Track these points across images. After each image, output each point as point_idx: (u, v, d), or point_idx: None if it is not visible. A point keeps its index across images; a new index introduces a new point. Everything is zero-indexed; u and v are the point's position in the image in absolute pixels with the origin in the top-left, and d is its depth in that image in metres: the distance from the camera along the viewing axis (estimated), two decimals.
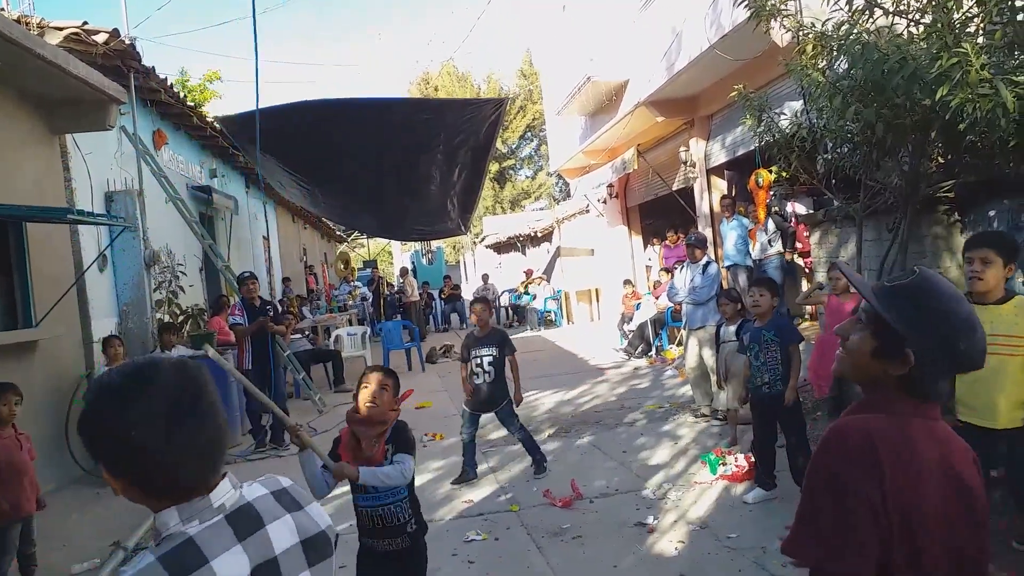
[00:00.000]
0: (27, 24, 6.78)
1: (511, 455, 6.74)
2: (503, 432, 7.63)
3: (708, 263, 7.37)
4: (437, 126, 10.51)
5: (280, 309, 8.40)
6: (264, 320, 7.71)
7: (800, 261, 9.78)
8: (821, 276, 7.19)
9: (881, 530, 1.35)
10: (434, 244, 33.33)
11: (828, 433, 1.47)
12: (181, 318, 8.72)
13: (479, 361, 5.96)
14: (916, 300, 1.43)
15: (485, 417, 6.15)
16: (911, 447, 1.40)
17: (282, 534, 1.31)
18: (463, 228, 11.92)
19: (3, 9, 7.22)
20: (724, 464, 5.54)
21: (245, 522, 1.27)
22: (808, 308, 9.51)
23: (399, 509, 3.03)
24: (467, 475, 5.97)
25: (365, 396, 3.05)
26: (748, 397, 5.32)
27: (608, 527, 4.79)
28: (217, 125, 10.98)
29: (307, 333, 12.17)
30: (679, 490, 5.37)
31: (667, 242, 13.15)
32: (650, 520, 4.80)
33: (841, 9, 5.25)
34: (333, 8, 75.86)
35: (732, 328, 6.26)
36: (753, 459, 5.30)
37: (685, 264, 7.62)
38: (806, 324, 9.29)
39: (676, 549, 4.35)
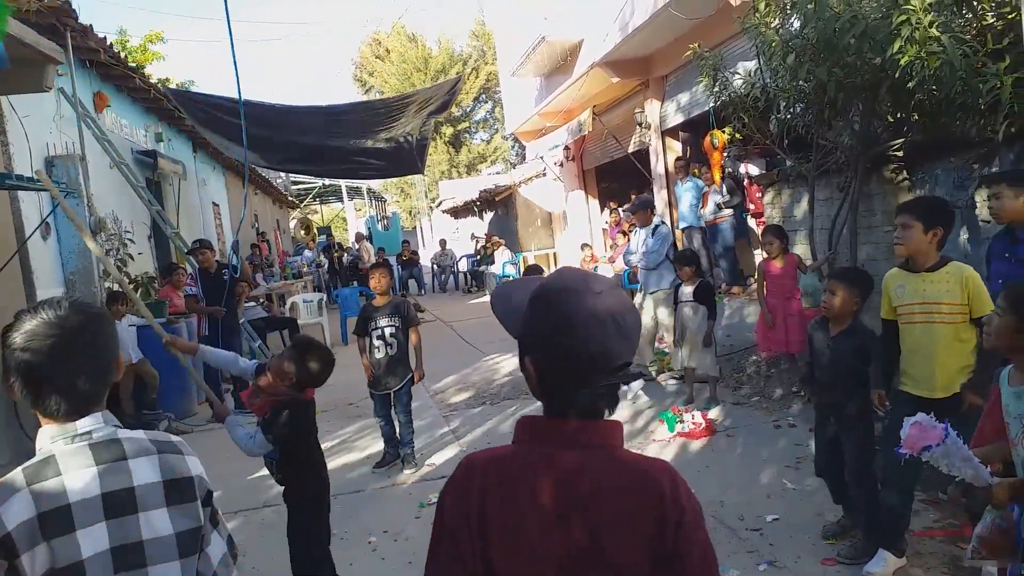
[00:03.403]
0: None
1: (472, 418, 6.77)
2: (466, 395, 7.69)
3: (658, 225, 7.40)
4: (395, 115, 10.47)
5: (241, 266, 8.36)
6: (214, 309, 7.75)
7: (753, 222, 9.92)
8: None
9: (469, 571, 1.22)
10: (389, 210, 33.01)
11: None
12: (131, 286, 8.49)
13: (380, 332, 5.42)
14: (530, 304, 1.29)
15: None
16: (511, 483, 1.23)
17: (144, 469, 1.50)
18: (419, 165, 11.78)
19: None
20: (681, 422, 5.64)
21: (106, 452, 1.48)
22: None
23: (271, 466, 3.42)
24: (387, 458, 5.56)
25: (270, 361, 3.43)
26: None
27: None
28: (161, 88, 10.63)
29: (262, 301, 11.99)
30: (638, 447, 5.46)
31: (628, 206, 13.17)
32: None
33: None
34: None
35: (689, 289, 6.33)
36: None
37: (638, 227, 7.64)
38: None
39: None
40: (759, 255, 8.19)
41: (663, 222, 7.63)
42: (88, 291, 7.96)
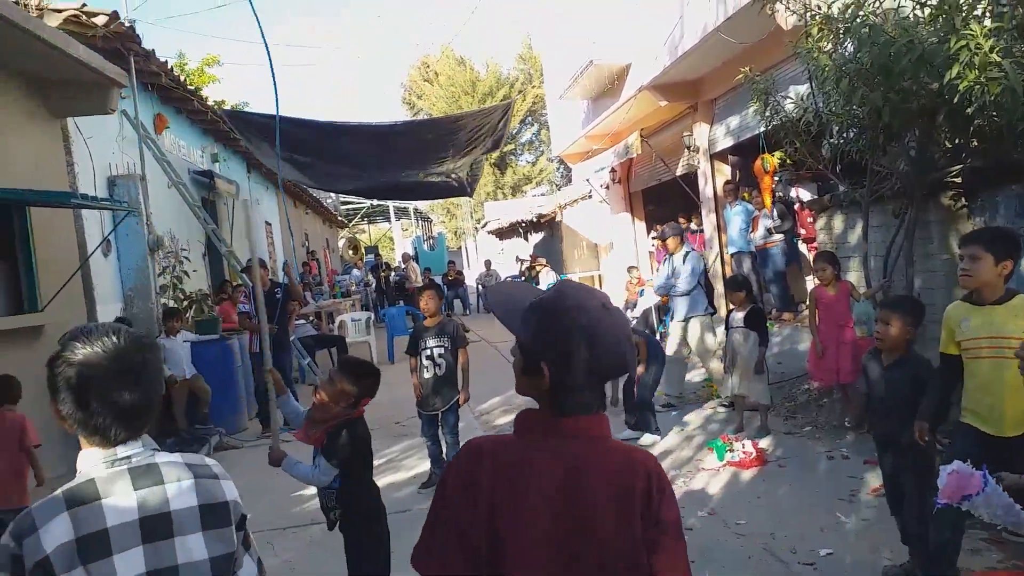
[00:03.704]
0: (25, 6, 6.72)
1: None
2: (510, 416, 7.67)
3: (687, 253, 7.34)
4: (445, 144, 10.56)
5: (291, 284, 8.50)
6: (256, 324, 7.87)
7: (804, 247, 9.77)
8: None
9: (469, 547, 1.36)
10: (435, 230, 33.30)
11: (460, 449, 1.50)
12: (185, 303, 8.71)
13: (428, 353, 5.48)
14: (542, 314, 1.43)
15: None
16: (520, 467, 1.38)
17: (181, 494, 1.52)
18: (468, 191, 11.89)
19: None
20: (731, 451, 5.54)
21: (145, 477, 1.50)
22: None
23: (325, 496, 3.35)
24: (434, 479, 5.56)
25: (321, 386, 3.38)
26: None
27: None
28: (218, 110, 10.93)
29: (311, 319, 12.18)
30: (686, 476, 5.39)
31: (683, 225, 13.01)
32: None
33: None
34: None
35: (740, 314, 6.26)
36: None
37: (668, 256, 7.57)
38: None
39: (684, 535, 4.35)
40: (810, 281, 8.06)
41: (692, 250, 7.58)
42: (145, 307, 8.18)
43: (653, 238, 11.50)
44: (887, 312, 3.53)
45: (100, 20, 7.33)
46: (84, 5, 7.22)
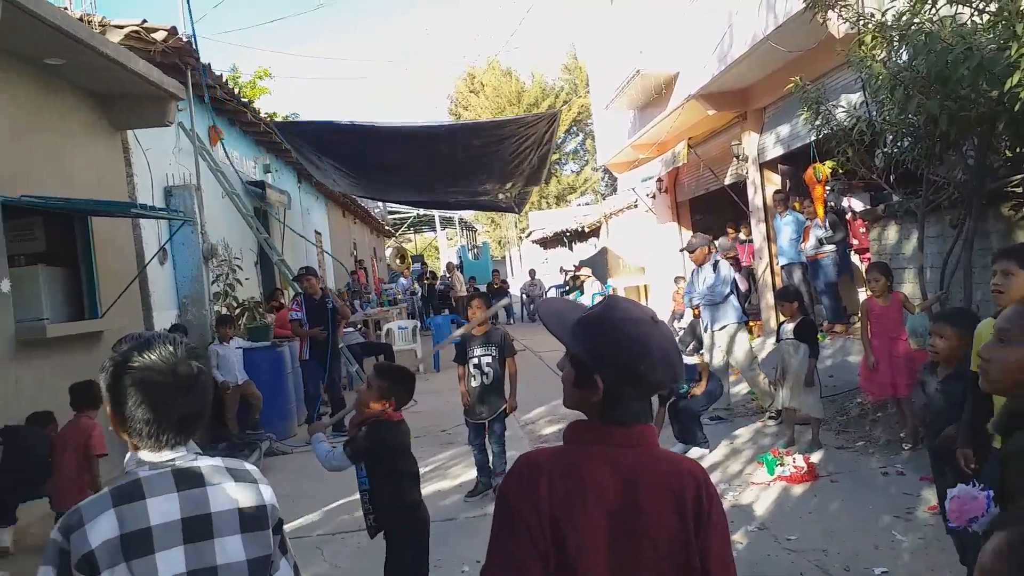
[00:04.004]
0: (89, 22, 6.97)
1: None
2: (556, 427, 7.68)
3: (717, 262, 7.25)
4: (490, 153, 10.59)
5: (337, 304, 8.62)
6: (316, 331, 7.97)
7: (856, 258, 9.58)
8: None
9: (539, 553, 1.40)
10: (480, 239, 33.46)
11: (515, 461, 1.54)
12: (238, 310, 8.90)
13: (476, 362, 5.49)
14: (594, 328, 1.49)
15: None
16: (578, 475, 1.43)
17: (221, 497, 1.58)
18: (516, 210, 11.94)
19: (67, 8, 7.44)
20: (782, 465, 5.45)
21: (188, 479, 1.56)
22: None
23: (364, 498, 3.41)
24: (480, 487, 5.55)
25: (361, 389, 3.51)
26: None
27: None
28: (271, 123, 11.17)
29: (359, 327, 12.33)
30: (736, 490, 5.32)
31: (731, 235, 12.86)
32: None
33: None
34: (385, 1, 76.53)
35: (791, 326, 6.17)
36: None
37: (696, 268, 7.47)
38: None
39: (734, 550, 4.29)
40: (862, 292, 7.90)
41: (721, 259, 7.48)
42: (199, 314, 8.39)
43: (681, 250, 11.37)
44: (941, 325, 3.48)
45: (159, 35, 7.56)
46: (144, 21, 7.45)
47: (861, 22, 5.55)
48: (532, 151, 10.48)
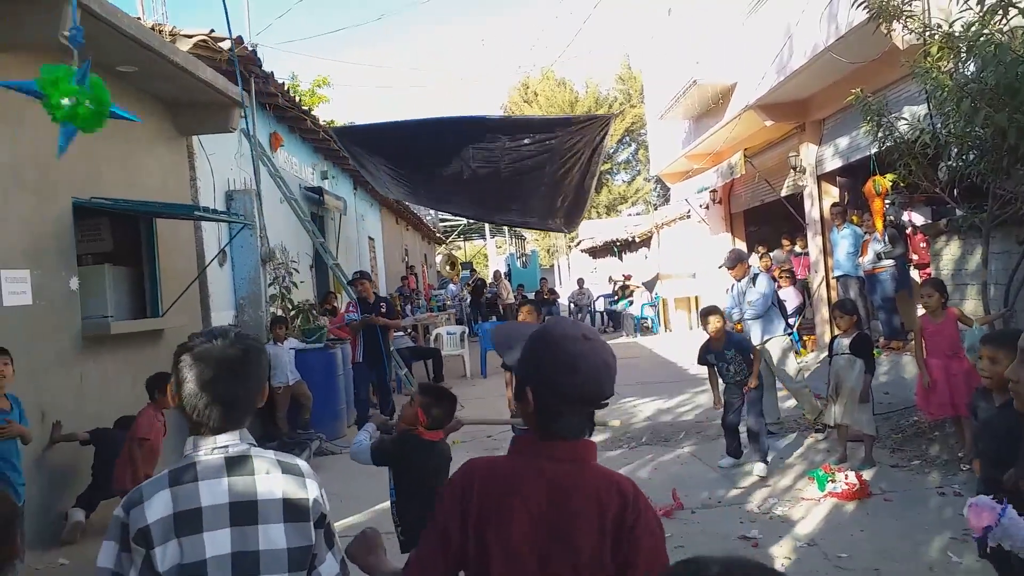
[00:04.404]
0: (160, 32, 7.22)
1: (610, 461, 6.71)
2: (601, 436, 7.64)
3: (756, 275, 7.14)
4: (542, 151, 10.53)
5: (393, 306, 8.79)
6: (369, 317, 8.06)
7: (916, 274, 9.35)
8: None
9: (452, 555, 1.54)
10: (528, 248, 33.54)
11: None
12: (293, 312, 9.08)
13: None
14: (529, 345, 1.59)
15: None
16: (508, 484, 1.52)
17: (268, 486, 1.65)
18: (566, 232, 11.91)
19: (140, 18, 7.72)
20: (833, 481, 5.34)
21: (238, 466, 1.64)
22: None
23: (392, 510, 3.43)
24: None
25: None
26: None
27: (711, 538, 4.70)
28: (329, 129, 11.38)
29: (409, 331, 12.47)
30: (785, 506, 5.22)
31: (786, 248, 12.68)
32: (754, 534, 4.69)
33: (971, 9, 5.01)
34: (443, 12, 77.46)
35: (846, 341, 6.05)
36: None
37: (735, 282, 7.34)
38: None
39: (783, 565, 4.23)
40: (921, 309, 7.71)
41: (760, 272, 7.36)
42: (256, 315, 8.58)
43: (765, 255, 11.21)
44: (993, 347, 3.25)
45: (225, 44, 7.79)
46: (212, 31, 7.69)
47: (927, 33, 5.45)
48: (584, 151, 10.35)
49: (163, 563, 1.53)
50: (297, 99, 11.45)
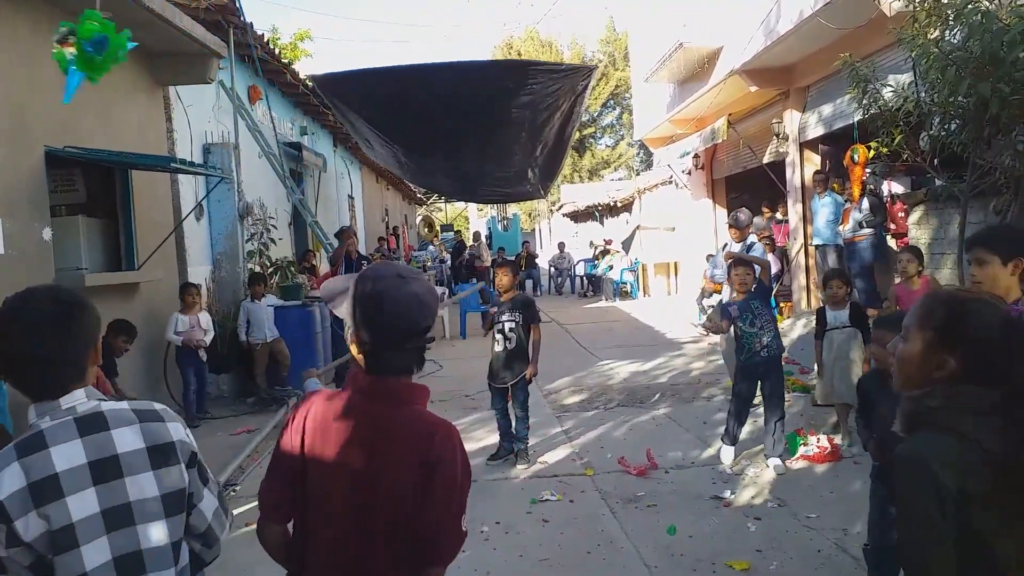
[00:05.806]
0: None
1: (586, 421, 6.78)
2: (579, 397, 7.71)
3: (752, 244, 7.10)
4: (521, 96, 10.30)
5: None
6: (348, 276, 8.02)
7: (894, 243, 9.42)
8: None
9: (287, 475, 1.71)
10: (510, 211, 33.40)
11: None
12: (271, 269, 9.00)
13: (500, 327, 5.65)
14: (352, 290, 1.70)
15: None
16: (331, 415, 1.69)
17: (127, 438, 1.65)
18: (542, 193, 11.79)
19: None
20: (805, 444, 5.43)
21: (90, 425, 1.62)
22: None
23: None
24: (502, 452, 5.69)
25: None
26: None
27: (683, 498, 4.78)
28: (309, 83, 11.16)
29: None
30: (757, 466, 5.31)
31: (766, 215, 12.65)
32: (726, 494, 4.76)
33: None
34: None
35: (844, 314, 5.58)
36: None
37: (727, 243, 7.29)
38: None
39: (753, 525, 4.31)
40: (898, 277, 7.76)
41: (756, 241, 7.35)
42: (233, 271, 8.50)
43: (728, 224, 11.18)
44: (883, 330, 3.14)
45: None
46: None
47: (915, 0, 5.41)
48: (565, 99, 10.06)
49: (27, 534, 1.52)
50: (277, 52, 11.22)
